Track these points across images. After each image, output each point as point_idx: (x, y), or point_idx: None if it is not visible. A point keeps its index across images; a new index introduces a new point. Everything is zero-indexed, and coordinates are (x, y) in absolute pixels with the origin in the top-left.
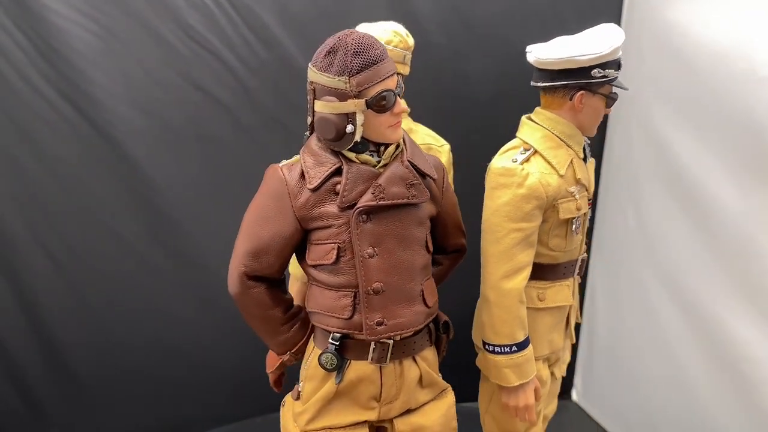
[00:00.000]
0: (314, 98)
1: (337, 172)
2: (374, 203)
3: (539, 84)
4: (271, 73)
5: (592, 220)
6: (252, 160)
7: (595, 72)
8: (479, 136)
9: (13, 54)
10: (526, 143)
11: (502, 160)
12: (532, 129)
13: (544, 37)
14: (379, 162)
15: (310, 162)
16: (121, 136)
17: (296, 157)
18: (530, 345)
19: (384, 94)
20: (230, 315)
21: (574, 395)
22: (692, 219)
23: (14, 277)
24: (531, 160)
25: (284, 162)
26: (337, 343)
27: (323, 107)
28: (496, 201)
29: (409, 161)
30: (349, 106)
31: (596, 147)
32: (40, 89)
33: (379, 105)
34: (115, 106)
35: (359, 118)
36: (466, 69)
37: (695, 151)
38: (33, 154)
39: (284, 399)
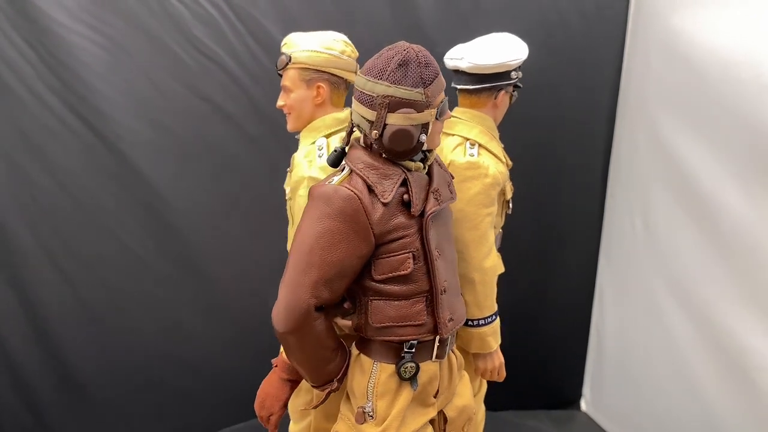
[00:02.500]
0: (388, 111)
1: (402, 182)
2: (438, 207)
3: (469, 87)
4: (276, 84)
5: (599, 227)
6: (258, 170)
7: (513, 74)
8: None
9: (21, 67)
10: (470, 139)
11: (459, 156)
12: (468, 126)
13: (551, 47)
14: (423, 167)
15: (374, 176)
16: (127, 147)
17: (344, 175)
18: None
19: (445, 101)
20: (236, 324)
21: (583, 405)
22: (701, 226)
23: (21, 287)
24: (481, 153)
25: (335, 181)
26: (413, 351)
27: (401, 120)
28: (468, 192)
29: (437, 163)
30: (426, 116)
31: (602, 153)
32: (47, 101)
33: (443, 112)
34: (122, 118)
35: (431, 127)
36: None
37: (703, 157)
38: (40, 164)
39: (337, 429)
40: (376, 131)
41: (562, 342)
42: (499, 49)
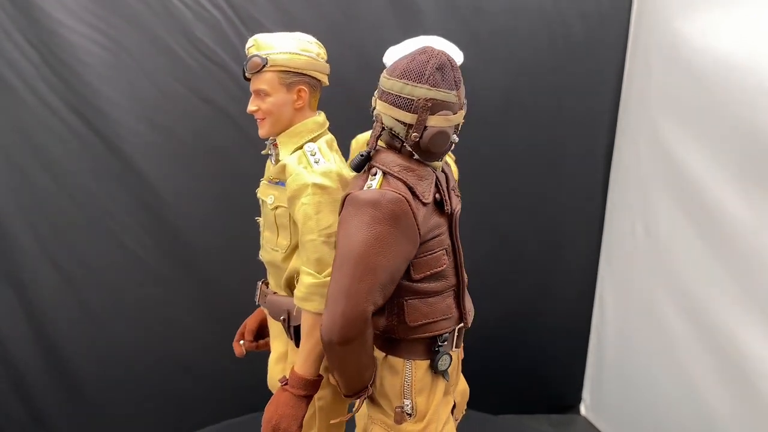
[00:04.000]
0: (429, 114)
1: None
2: (459, 204)
3: None
4: None
5: (600, 231)
6: (259, 172)
7: None
8: (487, 148)
9: (23, 67)
10: None
11: None
12: None
13: (553, 51)
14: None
15: (412, 178)
16: (129, 149)
17: (380, 179)
18: None
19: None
20: (236, 326)
21: (583, 409)
22: (701, 230)
23: (21, 288)
24: None
25: (374, 186)
26: (446, 343)
27: (441, 121)
28: None
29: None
30: (459, 117)
31: (603, 157)
32: (49, 102)
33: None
34: (124, 119)
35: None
36: (474, 83)
37: (703, 161)
38: (42, 166)
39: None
40: (416, 134)
41: (562, 346)
42: (454, 51)
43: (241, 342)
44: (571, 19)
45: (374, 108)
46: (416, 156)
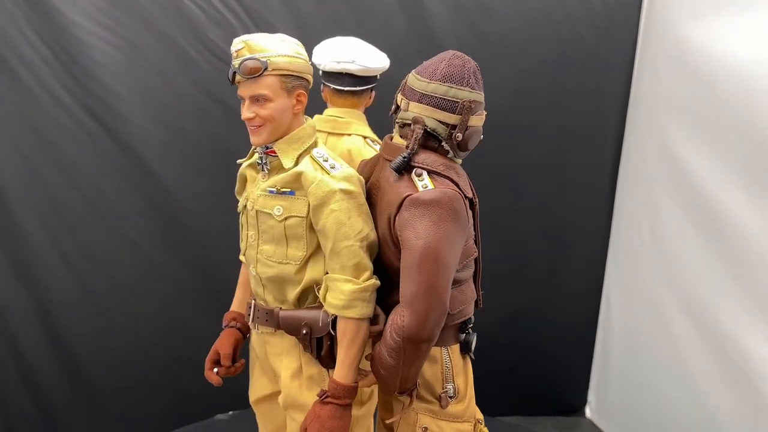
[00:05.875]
0: (471, 114)
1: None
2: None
3: (356, 88)
4: None
5: (607, 234)
6: None
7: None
8: (495, 150)
9: (37, 66)
10: (368, 137)
11: (372, 154)
12: (361, 126)
13: (562, 56)
14: None
15: (455, 175)
16: (140, 148)
17: (428, 178)
18: None
19: None
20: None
21: (588, 412)
22: (708, 235)
23: (32, 283)
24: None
25: (428, 185)
26: (472, 324)
27: (478, 121)
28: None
29: None
30: (484, 116)
31: (611, 161)
32: (62, 101)
33: None
34: (135, 118)
35: None
36: (483, 85)
37: (710, 167)
38: (54, 164)
39: (420, 420)
40: (460, 134)
41: (567, 349)
42: (379, 53)
43: (215, 370)
44: (579, 23)
45: (400, 109)
46: (450, 154)
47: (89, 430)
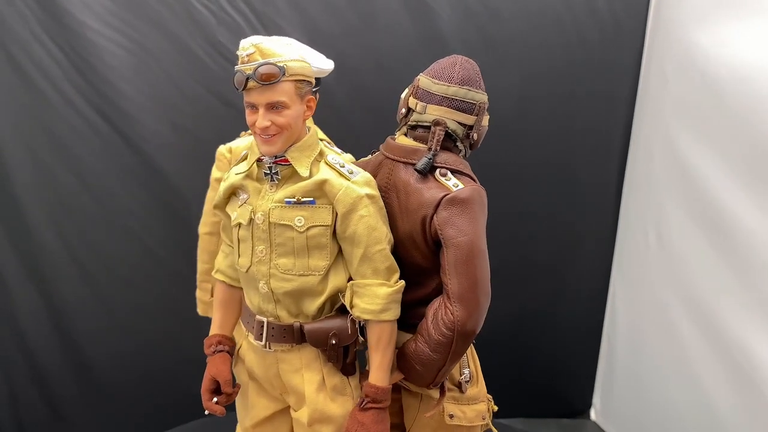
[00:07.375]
0: (483, 115)
1: None
2: None
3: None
4: None
5: (612, 238)
6: None
7: None
8: (502, 153)
9: (49, 68)
10: (324, 140)
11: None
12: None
13: (568, 60)
14: None
15: (471, 172)
16: (150, 149)
17: (453, 177)
18: None
19: None
20: None
21: (593, 414)
22: (713, 239)
23: (42, 283)
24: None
25: (458, 184)
26: None
27: (487, 121)
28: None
29: None
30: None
31: (617, 165)
32: (74, 102)
33: None
34: (146, 120)
35: None
36: (489, 88)
37: (717, 171)
38: (64, 163)
39: (446, 409)
40: (477, 134)
41: (573, 351)
42: (313, 54)
43: (215, 400)
44: (586, 27)
45: (413, 112)
46: (462, 153)
47: (98, 427)
